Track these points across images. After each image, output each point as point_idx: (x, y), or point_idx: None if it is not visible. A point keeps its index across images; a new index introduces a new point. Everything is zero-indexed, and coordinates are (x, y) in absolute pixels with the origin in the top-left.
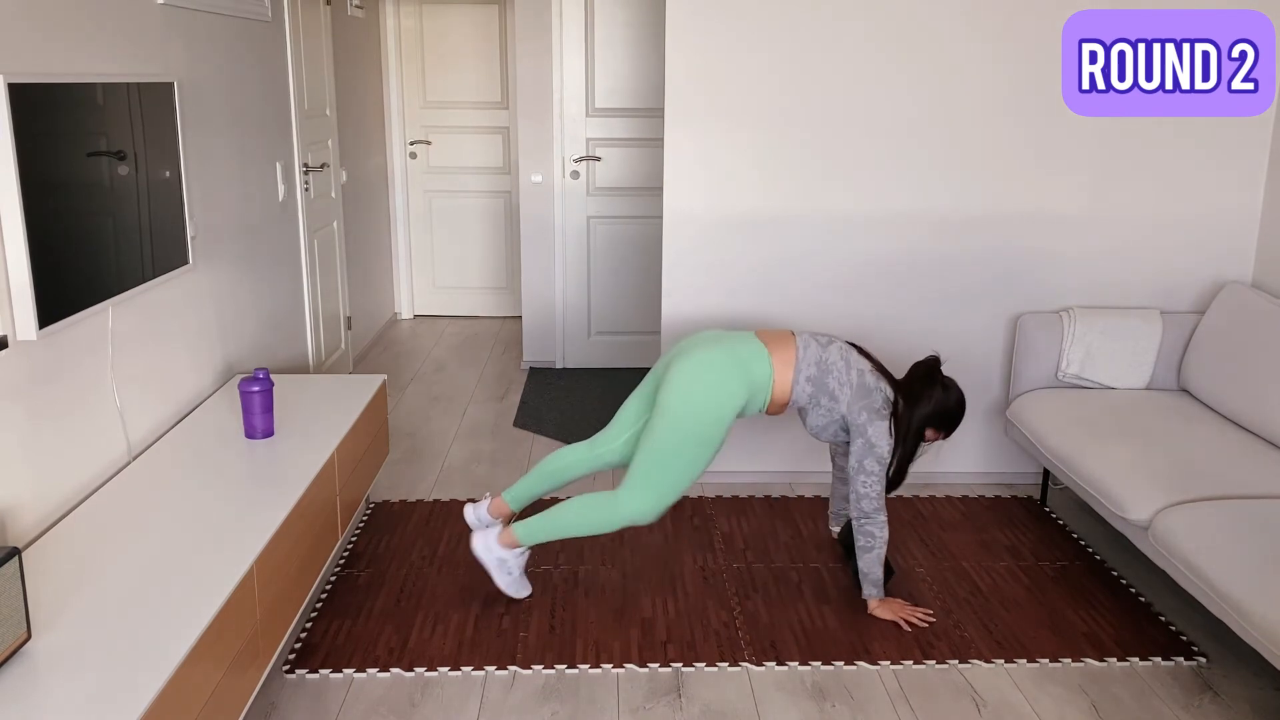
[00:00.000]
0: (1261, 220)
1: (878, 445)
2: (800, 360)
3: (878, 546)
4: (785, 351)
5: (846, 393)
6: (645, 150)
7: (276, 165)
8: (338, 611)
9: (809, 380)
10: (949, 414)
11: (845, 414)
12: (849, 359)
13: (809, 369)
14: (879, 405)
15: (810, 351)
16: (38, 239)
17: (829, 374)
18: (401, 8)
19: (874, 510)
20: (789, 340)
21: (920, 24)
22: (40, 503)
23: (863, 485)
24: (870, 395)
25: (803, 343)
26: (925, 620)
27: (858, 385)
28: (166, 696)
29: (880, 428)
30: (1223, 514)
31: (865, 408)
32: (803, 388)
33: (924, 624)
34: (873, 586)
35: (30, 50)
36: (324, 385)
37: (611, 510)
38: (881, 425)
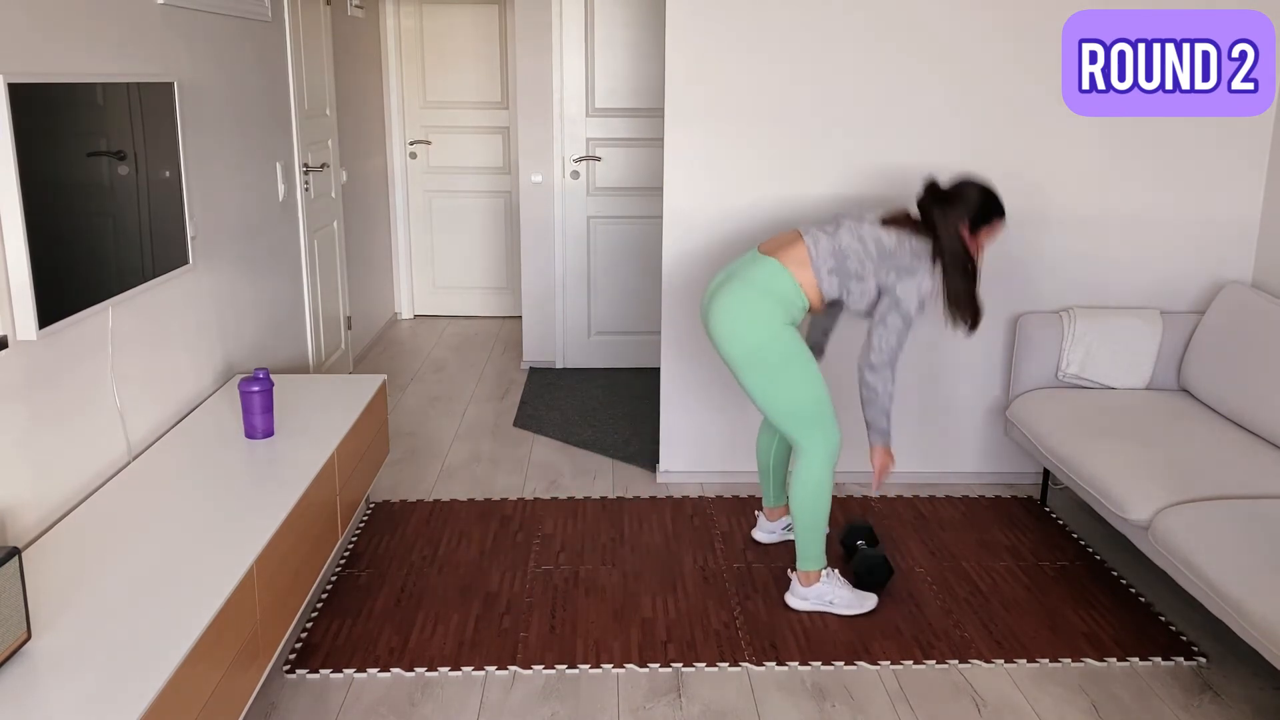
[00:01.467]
0: (1261, 220)
1: (904, 301)
2: (815, 258)
3: (880, 400)
4: (796, 253)
5: (870, 266)
6: (645, 150)
7: (276, 165)
8: (338, 611)
9: (831, 272)
10: (981, 206)
11: (876, 284)
12: (861, 234)
13: (827, 262)
14: (905, 262)
15: (821, 246)
16: (38, 239)
17: (848, 259)
18: (401, 8)
19: (881, 365)
20: (797, 241)
21: (920, 24)
22: (40, 503)
23: (879, 338)
24: (894, 256)
25: (811, 240)
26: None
27: (878, 254)
28: (166, 696)
29: (909, 285)
30: (1223, 514)
31: (892, 268)
32: (828, 281)
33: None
34: (878, 435)
35: (30, 50)
36: (324, 385)
37: (812, 471)
38: (910, 282)
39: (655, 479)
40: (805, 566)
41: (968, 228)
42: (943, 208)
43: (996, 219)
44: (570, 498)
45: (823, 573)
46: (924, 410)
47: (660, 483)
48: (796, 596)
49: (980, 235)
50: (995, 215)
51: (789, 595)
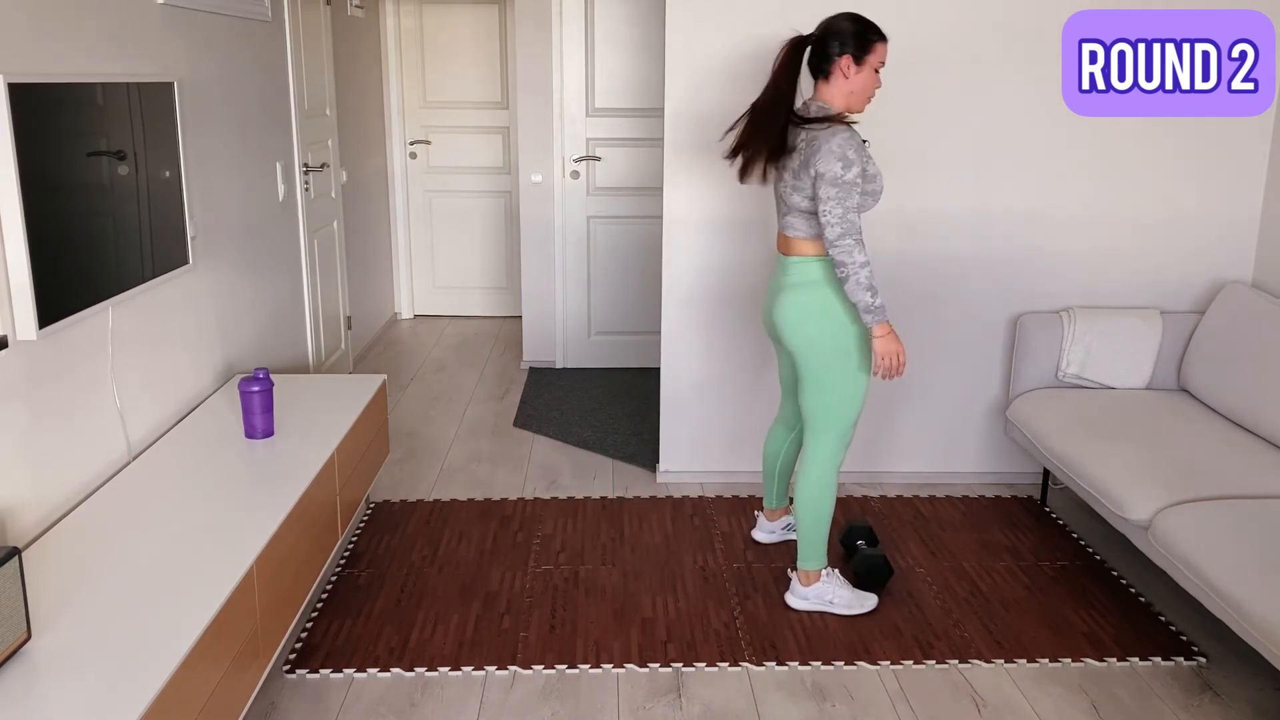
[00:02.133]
0: (1261, 220)
1: (825, 172)
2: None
3: (852, 273)
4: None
5: (799, 183)
6: (645, 150)
7: (276, 165)
8: (338, 611)
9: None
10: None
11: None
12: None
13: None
14: (809, 151)
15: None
16: (38, 239)
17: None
18: (401, 8)
19: (837, 237)
20: (782, 236)
21: (920, 24)
22: (40, 503)
23: (822, 215)
24: (802, 162)
25: (782, 224)
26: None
27: (795, 174)
28: (166, 696)
29: (821, 155)
30: (1223, 514)
31: (803, 167)
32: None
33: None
34: (865, 313)
35: (30, 50)
36: (324, 385)
37: (818, 471)
38: (822, 151)
39: (655, 479)
40: (806, 566)
41: (850, 60)
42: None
43: (876, 41)
44: (570, 498)
45: (823, 572)
46: (924, 410)
47: (660, 483)
48: (796, 596)
49: (866, 64)
50: (874, 37)
51: (789, 595)
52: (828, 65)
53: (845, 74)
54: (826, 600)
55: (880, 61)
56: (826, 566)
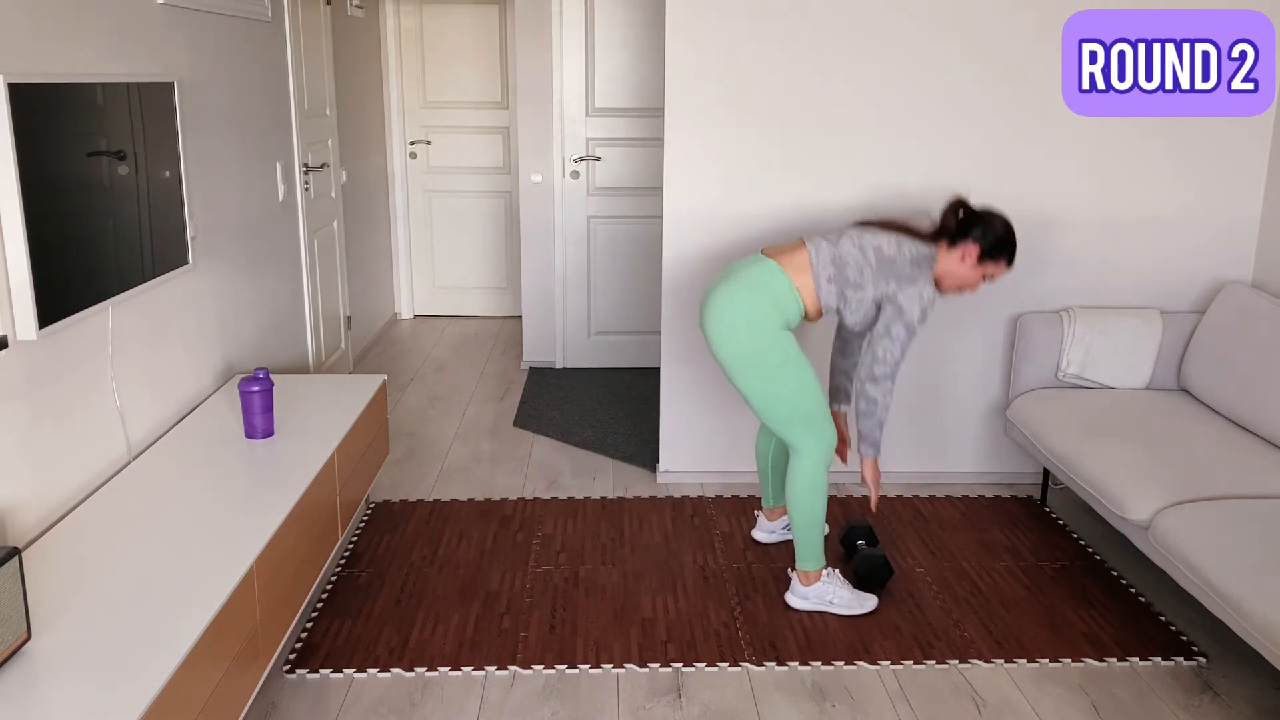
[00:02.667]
0: (1261, 220)
1: (907, 310)
2: (815, 264)
3: (879, 412)
4: (797, 259)
5: (869, 274)
6: (645, 150)
7: (276, 165)
8: (338, 611)
9: (830, 280)
10: (1000, 242)
11: (874, 295)
12: (862, 243)
13: (826, 270)
14: (905, 271)
15: (823, 253)
16: (38, 239)
17: (846, 266)
18: (401, 8)
19: (883, 376)
20: (800, 248)
21: (920, 24)
22: (40, 503)
23: (883, 350)
24: (893, 265)
25: (814, 246)
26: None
27: (877, 264)
28: (166, 696)
29: (910, 293)
30: (1223, 514)
31: (891, 277)
32: (827, 290)
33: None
34: (870, 447)
35: (30, 50)
36: (324, 385)
37: (806, 471)
38: (912, 290)
39: (655, 479)
40: (805, 566)
41: (978, 253)
42: (970, 225)
43: (1004, 258)
44: (570, 498)
45: (823, 572)
46: (924, 410)
47: (660, 483)
48: (796, 596)
49: (984, 266)
50: (1004, 253)
51: (789, 595)
52: (961, 238)
53: (964, 257)
54: (826, 600)
55: (991, 275)
56: (826, 566)
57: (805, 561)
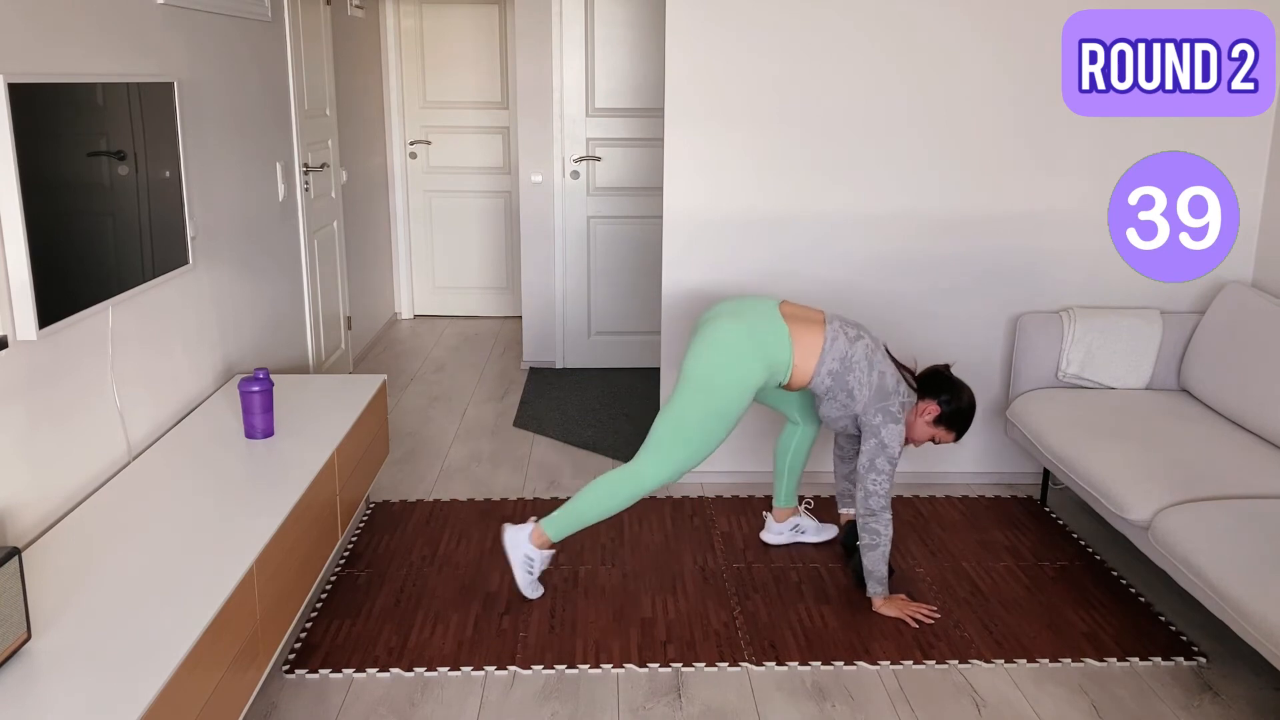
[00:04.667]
0: (1261, 220)
1: (890, 446)
2: (826, 352)
3: (882, 544)
4: (811, 337)
5: (865, 394)
6: (645, 150)
7: (276, 165)
8: (338, 611)
9: (830, 374)
10: (959, 414)
11: (860, 414)
12: (873, 360)
13: (832, 363)
14: (895, 409)
15: (838, 345)
16: (38, 239)
17: (850, 372)
18: (401, 8)
19: (880, 509)
20: (817, 327)
21: (920, 24)
22: (40, 503)
23: (872, 484)
24: (888, 398)
25: (831, 333)
26: (930, 617)
27: (877, 387)
28: (166, 696)
29: (894, 431)
30: (1223, 514)
31: (881, 409)
32: (823, 379)
33: (929, 620)
34: (878, 584)
35: (30, 50)
36: (324, 385)
37: (634, 484)
38: (896, 429)
39: None
40: (551, 532)
41: (936, 414)
42: (941, 390)
43: (956, 430)
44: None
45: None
46: None
47: None
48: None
49: (936, 429)
50: (958, 425)
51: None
52: (926, 394)
53: (921, 414)
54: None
55: (939, 439)
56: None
57: (553, 529)
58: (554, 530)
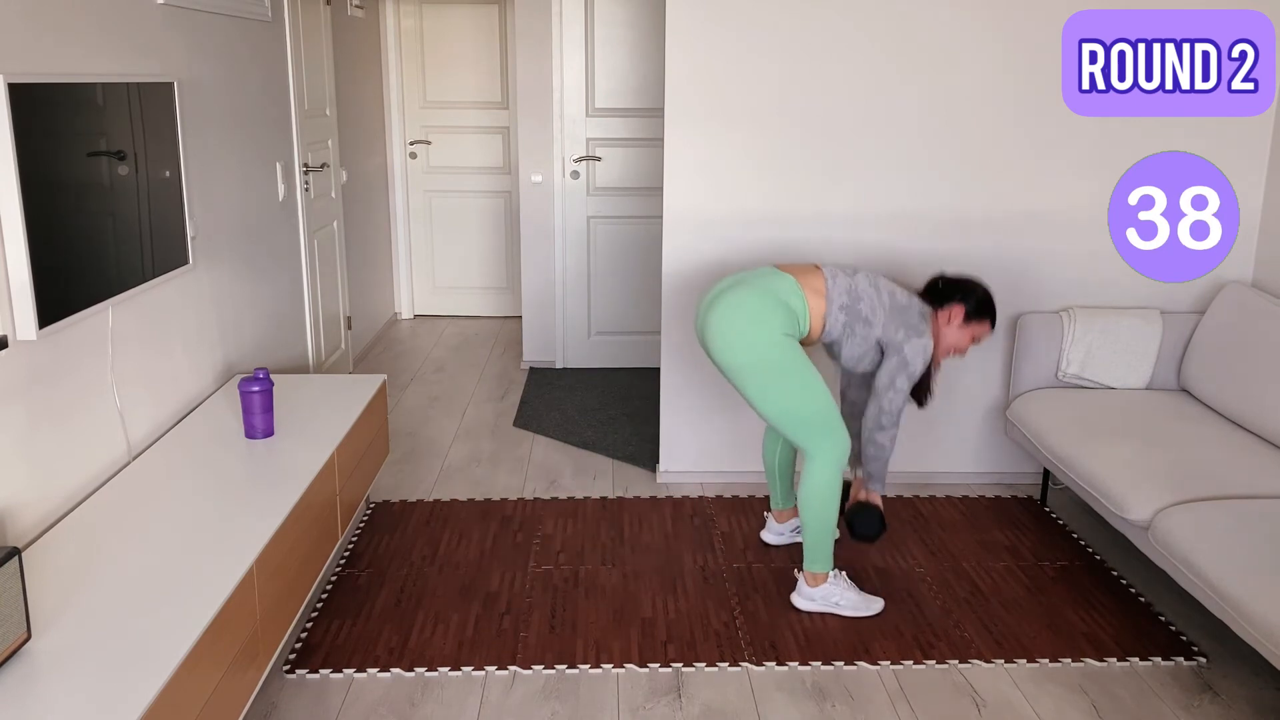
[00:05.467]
0: (1261, 220)
1: (912, 363)
2: (831, 290)
3: (886, 454)
4: (813, 280)
5: (880, 315)
6: (645, 150)
7: (276, 165)
8: (338, 611)
9: (843, 309)
10: (984, 303)
11: (881, 336)
12: (878, 284)
13: (841, 298)
14: (915, 321)
15: (839, 281)
16: (38, 239)
17: (860, 300)
18: (401, 8)
19: (891, 424)
20: (815, 272)
21: (920, 24)
22: (40, 503)
23: (889, 402)
24: (905, 312)
25: (830, 273)
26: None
27: (890, 306)
28: (166, 696)
29: (916, 345)
30: (1223, 514)
31: (901, 325)
32: (836, 317)
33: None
34: (878, 482)
35: (30, 50)
36: (324, 385)
37: (821, 475)
38: (918, 342)
39: (655, 479)
40: (813, 568)
41: (964, 314)
42: (949, 289)
43: (987, 319)
44: (570, 498)
45: (830, 574)
46: (924, 410)
47: (660, 483)
48: (803, 597)
49: (971, 327)
50: (988, 314)
51: (795, 595)
52: (944, 302)
53: (950, 319)
54: (833, 602)
55: (978, 336)
56: (834, 569)
57: (814, 564)
58: (818, 563)
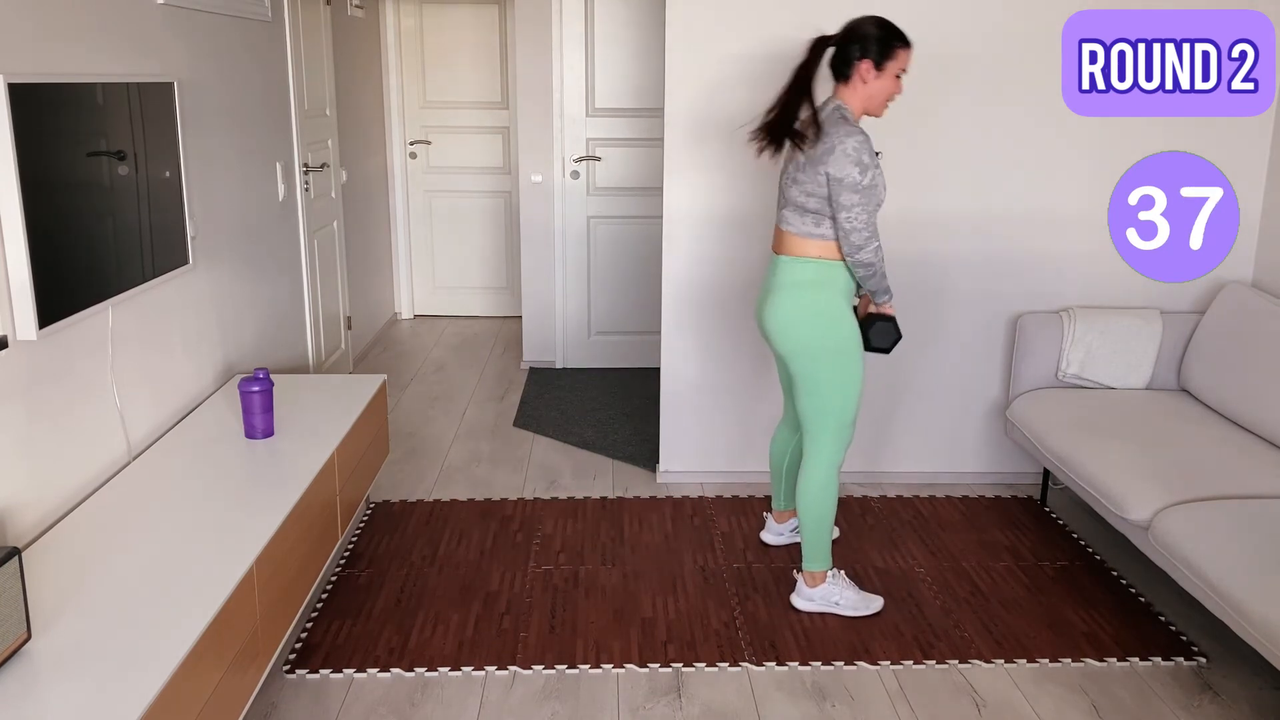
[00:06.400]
0: (1261, 220)
1: (838, 177)
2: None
3: (879, 267)
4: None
5: (810, 186)
6: (645, 150)
7: (276, 165)
8: (338, 611)
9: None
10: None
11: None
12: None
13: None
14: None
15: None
16: (38, 239)
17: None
18: (401, 8)
19: (864, 241)
20: (782, 234)
21: (920, 23)
22: (40, 503)
23: (845, 221)
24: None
25: (784, 223)
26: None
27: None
28: (166, 696)
29: (835, 160)
30: (1223, 514)
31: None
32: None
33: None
34: (882, 295)
35: (30, 50)
36: (324, 385)
37: (820, 471)
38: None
39: (655, 479)
40: (811, 567)
41: (872, 64)
42: (842, 50)
43: (899, 47)
44: (570, 498)
45: (829, 574)
46: (924, 410)
47: (660, 483)
48: (802, 597)
49: (888, 68)
50: (896, 42)
51: (794, 596)
52: (847, 69)
53: (864, 79)
54: (832, 602)
55: (902, 68)
56: (832, 568)
57: (812, 563)
58: (816, 561)
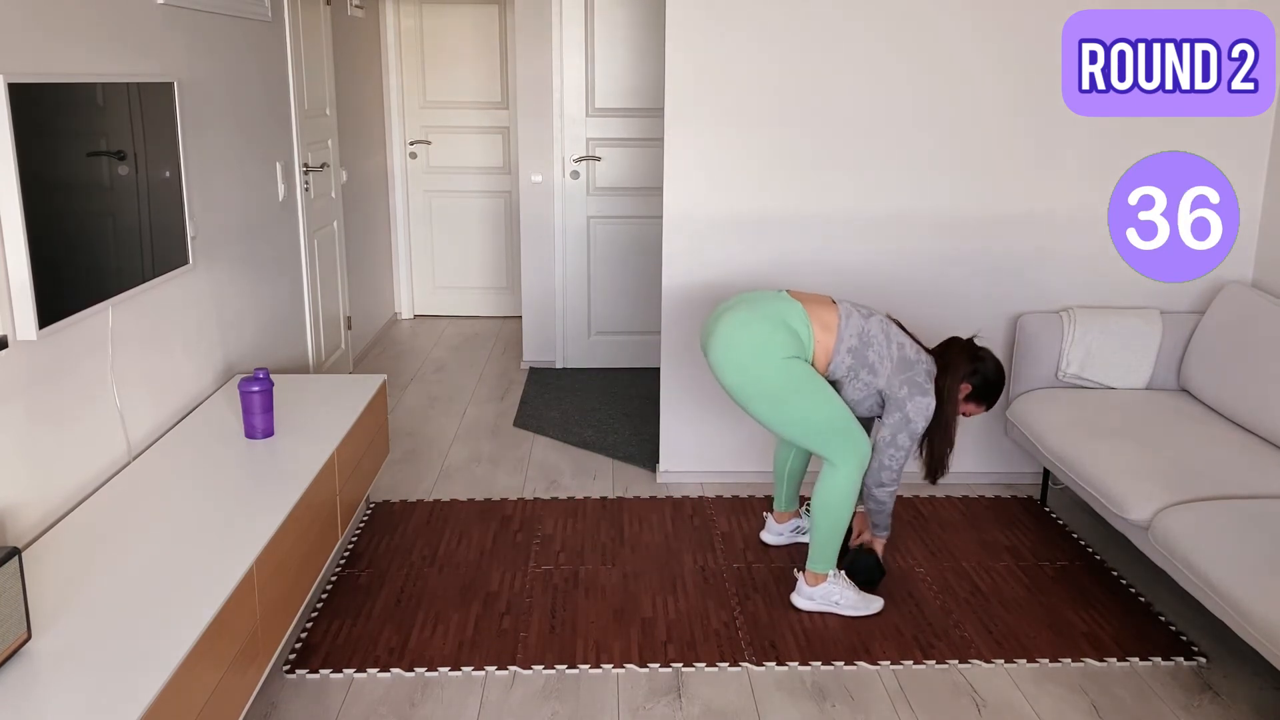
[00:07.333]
0: (1261, 220)
1: (914, 421)
2: (843, 329)
3: (888, 508)
4: (826, 314)
5: (887, 366)
6: (645, 150)
7: (276, 165)
8: (338, 611)
9: (850, 351)
10: (988, 386)
11: (884, 388)
12: (889, 333)
13: (851, 340)
14: (920, 379)
15: (853, 322)
16: (38, 239)
17: (869, 347)
18: (401, 8)
19: (891, 481)
20: (829, 305)
21: (921, 24)
22: (40, 503)
23: (890, 459)
24: (912, 369)
25: (845, 311)
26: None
27: (898, 359)
28: (166, 696)
29: (920, 403)
30: (1223, 514)
31: (906, 381)
32: (843, 359)
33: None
34: (881, 530)
35: (30, 50)
36: (324, 385)
37: (842, 480)
38: (922, 401)
39: (655, 479)
40: (815, 568)
41: (970, 389)
42: (968, 357)
43: (989, 401)
44: (570, 498)
45: (830, 573)
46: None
47: (660, 483)
48: (802, 596)
49: (969, 404)
50: (992, 397)
51: (795, 595)
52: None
53: (955, 396)
54: (832, 601)
55: (969, 413)
56: (839, 572)
57: (817, 564)
58: (822, 563)
